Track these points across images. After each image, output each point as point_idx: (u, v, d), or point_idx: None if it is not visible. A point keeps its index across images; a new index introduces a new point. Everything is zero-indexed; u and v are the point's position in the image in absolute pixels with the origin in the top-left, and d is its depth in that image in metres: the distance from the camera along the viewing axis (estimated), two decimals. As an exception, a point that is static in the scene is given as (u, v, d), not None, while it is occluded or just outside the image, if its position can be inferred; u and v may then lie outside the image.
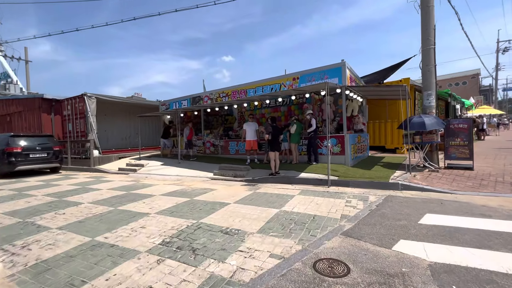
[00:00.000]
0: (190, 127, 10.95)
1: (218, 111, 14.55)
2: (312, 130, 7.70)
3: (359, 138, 8.61)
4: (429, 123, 6.44)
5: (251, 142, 8.48)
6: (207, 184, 7.25)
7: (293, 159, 8.08)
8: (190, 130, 10.91)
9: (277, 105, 10.88)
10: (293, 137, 8.01)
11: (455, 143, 6.86)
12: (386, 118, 11.05)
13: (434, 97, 7.18)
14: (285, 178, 6.85)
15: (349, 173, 6.60)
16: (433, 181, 5.78)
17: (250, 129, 8.48)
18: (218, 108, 11.88)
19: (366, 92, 8.69)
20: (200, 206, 4.91)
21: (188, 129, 10.86)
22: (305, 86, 6.86)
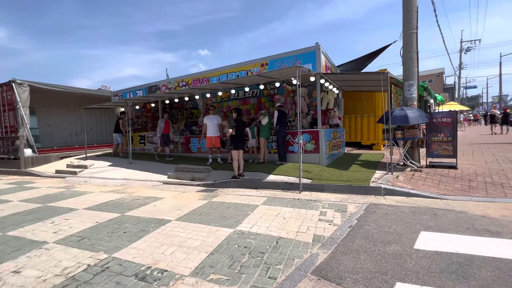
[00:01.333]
0: (166, 119, 8.93)
1: (182, 104, 13.08)
2: (277, 124, 6.66)
3: (335, 134, 7.74)
4: (412, 117, 5.66)
5: (212, 139, 7.24)
6: (156, 190, 5.91)
7: (261, 157, 6.99)
8: (166, 122, 8.87)
9: (246, 96, 9.70)
10: (263, 131, 6.91)
11: (438, 139, 6.19)
12: (362, 112, 10.38)
13: (416, 88, 6.45)
14: (249, 182, 5.73)
15: (324, 174, 5.64)
16: (418, 183, 4.99)
17: (211, 123, 7.23)
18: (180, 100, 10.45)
19: (343, 82, 7.82)
20: (128, 226, 3.62)
21: (163, 122, 8.87)
22: (273, 71, 5.79)
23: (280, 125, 6.61)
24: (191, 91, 8.30)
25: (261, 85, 7.26)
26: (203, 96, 10.80)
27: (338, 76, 6.83)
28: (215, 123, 7.25)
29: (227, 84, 7.21)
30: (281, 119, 6.66)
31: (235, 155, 5.93)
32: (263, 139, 6.87)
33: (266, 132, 6.93)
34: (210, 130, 7.23)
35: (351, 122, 10.72)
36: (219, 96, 10.38)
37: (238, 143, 5.84)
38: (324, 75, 6.51)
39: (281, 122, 6.65)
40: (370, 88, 8.30)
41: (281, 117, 6.68)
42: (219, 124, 7.36)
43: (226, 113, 10.18)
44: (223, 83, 6.80)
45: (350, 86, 8.19)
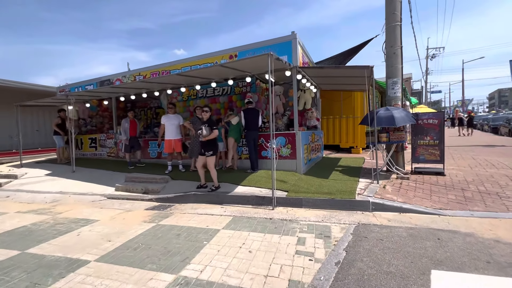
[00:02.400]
0: (131, 119, 7.23)
1: (146, 103, 11.71)
2: (245, 127, 5.73)
3: (313, 137, 6.97)
4: (399, 117, 5.02)
5: (171, 142, 6.10)
6: (93, 209, 4.66)
7: (229, 162, 5.95)
8: (131, 122, 7.19)
9: (215, 94, 8.65)
10: (233, 131, 5.91)
11: (424, 142, 5.63)
12: (341, 113, 9.80)
13: (401, 86, 5.87)
14: (213, 196, 4.70)
15: (301, 185, 4.78)
16: (408, 194, 4.31)
17: (170, 124, 6.09)
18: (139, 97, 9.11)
19: (322, 80, 7.07)
20: (15, 276, 2.42)
21: (127, 121, 7.15)
22: (241, 60, 4.79)
23: (249, 127, 5.65)
24: (148, 86, 7.07)
25: (229, 80, 6.28)
26: (167, 93, 9.62)
27: (317, 71, 6.06)
28: (175, 124, 6.12)
29: (190, 78, 6.12)
30: (250, 120, 5.71)
31: (201, 163, 4.88)
32: (232, 140, 5.86)
33: (235, 132, 5.93)
34: (168, 132, 6.08)
35: (329, 123, 10.10)
36: (184, 93, 9.25)
37: (208, 146, 4.76)
38: (301, 69, 5.68)
39: (251, 124, 5.69)
40: (351, 87, 7.67)
41: (251, 117, 5.72)
42: (180, 125, 6.23)
43: (192, 113, 9.07)
44: (182, 75, 5.65)
45: (329, 84, 7.49)
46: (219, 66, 4.82)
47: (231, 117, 5.98)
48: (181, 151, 6.27)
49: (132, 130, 7.08)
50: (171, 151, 6.16)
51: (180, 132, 6.22)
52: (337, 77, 6.23)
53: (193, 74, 5.60)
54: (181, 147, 6.22)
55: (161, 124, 6.17)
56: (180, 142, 6.20)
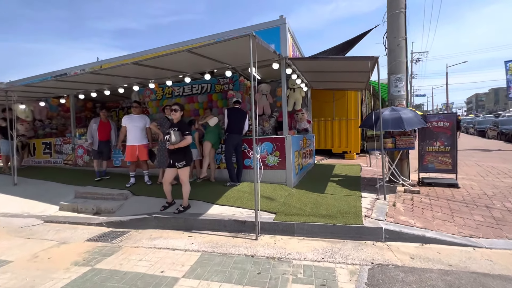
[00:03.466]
0: (103, 120, 5.81)
1: (118, 103, 10.46)
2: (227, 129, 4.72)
3: (304, 141, 6.06)
4: (408, 120, 4.19)
5: (135, 149, 4.97)
6: (17, 239, 3.48)
7: (203, 172, 4.88)
8: (102, 124, 5.79)
9: (193, 93, 7.59)
10: (210, 133, 4.90)
11: (433, 148, 4.84)
12: (333, 115, 9.00)
13: (405, 83, 5.07)
14: (180, 219, 3.64)
15: (293, 203, 3.82)
16: (425, 215, 3.45)
17: (133, 126, 4.97)
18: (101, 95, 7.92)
19: (315, 76, 6.16)
20: None
21: (96, 123, 5.80)
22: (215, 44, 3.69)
23: (232, 130, 4.66)
24: (108, 80, 5.90)
25: (206, 75, 5.26)
26: (139, 91, 8.46)
27: (310, 64, 5.13)
28: (139, 126, 5.00)
29: (159, 71, 5.03)
30: (234, 122, 4.72)
31: (169, 175, 3.80)
32: (209, 145, 4.82)
33: (213, 135, 4.91)
34: (131, 136, 4.96)
35: (320, 126, 9.27)
36: (158, 92, 8.14)
37: (179, 156, 3.68)
38: (292, 61, 4.75)
39: (234, 126, 4.70)
40: (348, 86, 6.83)
41: (236, 119, 4.74)
42: (146, 128, 5.12)
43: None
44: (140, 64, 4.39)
45: (323, 81, 6.62)
46: (188, 53, 3.78)
47: (209, 117, 4.96)
48: (147, 159, 5.15)
49: (102, 134, 5.76)
50: (135, 159, 5.03)
51: (146, 137, 5.10)
52: (333, 73, 5.36)
53: (156, 64, 4.52)
54: (147, 154, 5.10)
55: (122, 127, 5.03)
56: (145, 148, 5.08)
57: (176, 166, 3.66)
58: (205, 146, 4.82)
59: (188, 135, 3.61)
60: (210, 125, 4.91)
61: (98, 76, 5.28)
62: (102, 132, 5.68)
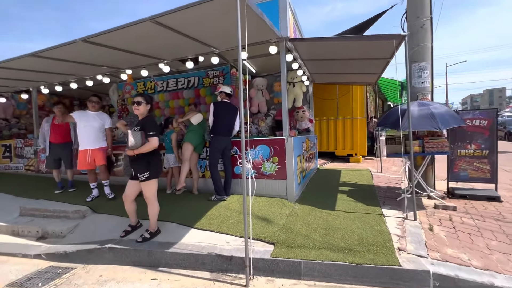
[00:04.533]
0: (57, 119, 4.67)
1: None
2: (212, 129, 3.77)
3: (307, 144, 5.12)
4: (441, 116, 3.29)
5: (86, 154, 3.91)
6: None
7: (181, 182, 3.84)
8: (53, 123, 4.68)
9: (179, 88, 6.64)
10: (192, 134, 3.95)
11: (467, 152, 3.95)
12: (336, 114, 8.09)
13: (430, 73, 4.17)
14: (143, 252, 2.66)
15: (297, 227, 2.87)
16: (478, 245, 2.53)
17: (85, 125, 3.92)
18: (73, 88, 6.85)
19: (319, 65, 5.17)
20: None
21: (48, 122, 4.75)
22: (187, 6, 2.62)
23: (219, 130, 3.70)
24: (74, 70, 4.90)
25: (188, 62, 4.31)
26: (119, 87, 7.47)
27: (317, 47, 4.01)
28: (94, 126, 3.94)
29: (129, 56, 4.06)
30: (223, 119, 3.76)
31: (132, 190, 2.82)
32: (190, 147, 3.85)
33: (195, 136, 3.95)
34: (84, 137, 3.91)
35: (322, 127, 8.35)
36: (140, 87, 7.16)
37: (143, 164, 2.71)
38: (294, 43, 3.79)
39: (222, 125, 3.75)
40: (356, 78, 5.89)
41: (224, 115, 3.78)
42: (106, 129, 4.09)
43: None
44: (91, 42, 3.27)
45: (328, 73, 5.69)
46: (153, 24, 2.77)
47: (192, 114, 3.99)
48: (104, 164, 4.07)
49: (56, 135, 4.69)
50: (89, 167, 3.97)
51: (104, 139, 4.07)
52: (342, 61, 4.43)
53: (116, 43, 3.48)
54: (104, 159, 4.05)
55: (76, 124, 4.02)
56: (102, 153, 4.02)
57: (138, 179, 2.69)
58: (184, 148, 3.85)
59: (153, 136, 2.64)
60: (192, 123, 3.95)
61: (55, 64, 4.26)
62: (56, 133, 4.64)
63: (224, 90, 3.93)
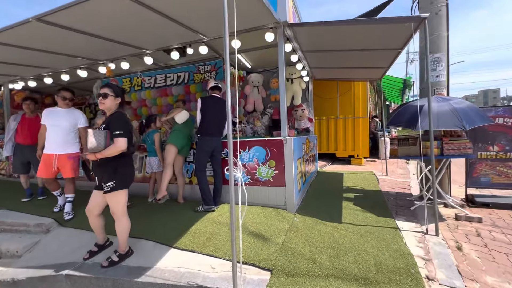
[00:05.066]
0: (24, 115, 4.18)
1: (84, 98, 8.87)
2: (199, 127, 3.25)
3: (307, 145, 4.64)
4: (464, 113, 2.83)
5: (51, 160, 3.27)
6: None
7: (162, 191, 3.32)
8: (24, 120, 4.14)
9: (167, 84, 6.12)
10: (176, 134, 3.43)
11: (489, 154, 3.50)
12: (337, 113, 7.63)
13: (446, 66, 3.72)
14: (108, 282, 2.14)
15: (299, 247, 2.37)
16: (519, 270, 2.06)
17: (55, 125, 3.35)
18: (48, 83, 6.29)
19: (320, 58, 4.69)
20: None
21: (15, 120, 4.19)
22: None
23: (208, 129, 3.19)
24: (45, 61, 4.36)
25: (173, 53, 3.79)
26: (103, 83, 6.91)
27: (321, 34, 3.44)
28: (63, 126, 3.32)
29: (106, 44, 3.54)
30: (212, 117, 3.25)
31: (96, 201, 2.28)
32: (173, 149, 3.33)
33: (180, 136, 3.43)
34: (50, 139, 3.32)
35: (322, 126, 7.88)
36: (126, 83, 6.62)
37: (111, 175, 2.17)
38: (294, 29, 3.30)
39: (211, 123, 3.24)
40: (360, 73, 5.40)
41: (214, 112, 3.27)
42: (79, 128, 3.51)
43: (136, 110, 6.45)
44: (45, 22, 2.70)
45: (330, 68, 5.20)
46: None
47: (176, 111, 3.47)
48: (72, 177, 3.36)
49: (25, 135, 4.07)
50: (52, 176, 3.34)
51: (75, 142, 3.47)
52: (347, 52, 3.94)
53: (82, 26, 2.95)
54: (73, 171, 3.34)
55: (41, 125, 3.46)
56: (72, 162, 3.33)
57: (103, 189, 2.16)
58: (167, 151, 3.33)
59: (119, 136, 2.11)
60: (176, 121, 3.43)
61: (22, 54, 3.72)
62: (25, 132, 4.06)
63: (211, 84, 3.42)
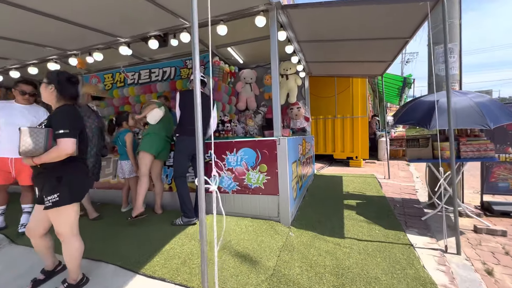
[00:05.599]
0: None
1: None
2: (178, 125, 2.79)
3: (303, 146, 4.20)
4: (485, 108, 2.43)
5: (7, 164, 2.72)
6: None
7: (137, 206, 2.80)
8: None
9: (152, 80, 5.64)
10: (148, 138, 2.92)
11: (508, 157, 3.10)
12: (335, 112, 7.23)
13: (459, 57, 3.32)
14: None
15: (294, 275, 1.92)
16: None
17: (8, 123, 2.77)
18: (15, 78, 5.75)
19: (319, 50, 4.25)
20: None
21: None
22: None
23: (185, 129, 2.73)
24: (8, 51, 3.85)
25: (151, 41, 3.33)
26: (84, 80, 6.42)
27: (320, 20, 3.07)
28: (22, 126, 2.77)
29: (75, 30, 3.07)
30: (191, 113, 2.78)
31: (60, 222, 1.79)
32: (146, 156, 2.84)
33: (155, 139, 2.92)
34: (4, 140, 2.74)
35: (318, 126, 7.47)
36: (108, 79, 6.13)
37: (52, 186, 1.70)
38: (289, 11, 2.85)
39: (190, 123, 2.77)
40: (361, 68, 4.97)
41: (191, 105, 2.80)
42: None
43: (118, 108, 5.94)
44: None
45: (329, 61, 4.75)
46: None
47: (148, 109, 2.98)
48: (31, 185, 2.85)
49: None
50: (6, 183, 2.82)
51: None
52: (350, 42, 3.52)
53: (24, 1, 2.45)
54: (27, 174, 2.80)
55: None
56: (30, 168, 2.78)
57: (44, 204, 1.69)
58: (140, 160, 2.84)
59: (64, 136, 1.64)
60: (150, 121, 2.94)
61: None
62: None
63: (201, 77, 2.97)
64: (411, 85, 8.39)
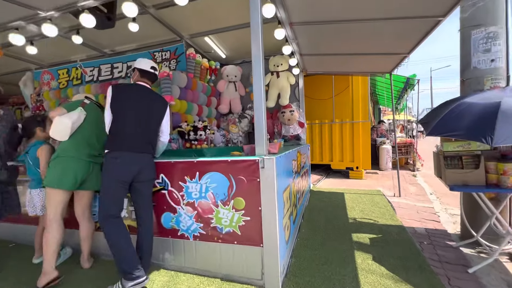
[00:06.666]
0: None
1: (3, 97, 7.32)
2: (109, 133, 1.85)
3: (299, 160, 3.28)
4: None
5: None
6: None
7: (46, 271, 1.79)
8: None
9: (114, 76, 4.66)
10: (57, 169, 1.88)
11: None
12: (332, 117, 6.37)
13: (505, 46, 2.50)
14: None
15: None
16: None
17: None
18: None
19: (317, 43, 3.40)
20: None
21: None
22: None
23: (120, 143, 1.78)
24: None
25: (85, 14, 2.36)
26: (34, 76, 5.39)
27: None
28: None
29: None
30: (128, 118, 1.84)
31: None
32: (56, 194, 1.87)
33: (68, 167, 1.89)
34: None
35: (314, 132, 6.61)
36: (63, 76, 5.10)
37: None
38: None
39: (125, 128, 1.82)
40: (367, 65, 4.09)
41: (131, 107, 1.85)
42: None
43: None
44: None
45: (329, 54, 3.85)
46: None
47: (57, 111, 1.99)
48: None
49: None
50: None
51: None
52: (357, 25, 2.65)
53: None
54: None
55: None
56: None
57: None
58: (46, 199, 1.87)
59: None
60: (55, 138, 1.94)
61: None
62: None
63: (139, 66, 2.03)
64: (414, 87, 7.66)
